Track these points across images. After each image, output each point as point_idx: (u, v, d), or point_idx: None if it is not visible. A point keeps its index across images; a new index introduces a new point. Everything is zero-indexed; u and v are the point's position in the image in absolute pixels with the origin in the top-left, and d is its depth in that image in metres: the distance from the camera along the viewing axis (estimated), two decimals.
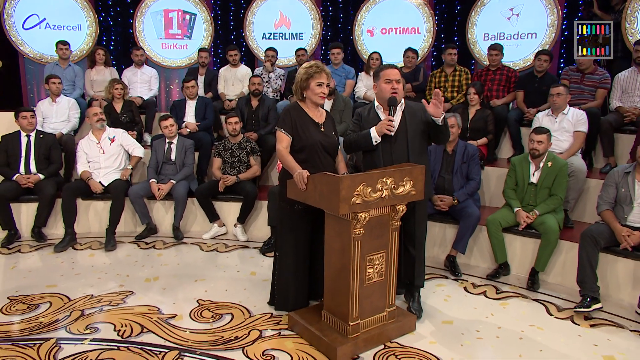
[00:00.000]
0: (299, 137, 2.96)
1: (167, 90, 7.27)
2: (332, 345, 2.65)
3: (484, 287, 3.69)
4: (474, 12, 6.50)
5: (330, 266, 2.78)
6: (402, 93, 3.04)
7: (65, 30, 6.64)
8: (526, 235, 3.81)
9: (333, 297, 2.79)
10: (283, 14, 7.12)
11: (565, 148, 4.23)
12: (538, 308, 3.36)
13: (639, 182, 3.34)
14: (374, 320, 2.81)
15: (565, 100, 4.28)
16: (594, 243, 3.32)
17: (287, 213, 3.09)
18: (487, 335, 2.97)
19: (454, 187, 4.00)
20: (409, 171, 2.71)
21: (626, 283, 3.41)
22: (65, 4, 6.65)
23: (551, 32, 5.97)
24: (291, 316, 3.00)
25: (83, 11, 6.76)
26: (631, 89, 4.56)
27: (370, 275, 2.72)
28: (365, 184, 2.50)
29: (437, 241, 4.18)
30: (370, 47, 6.86)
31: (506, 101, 5.32)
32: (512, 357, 2.72)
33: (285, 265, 3.12)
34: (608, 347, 2.84)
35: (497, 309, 3.34)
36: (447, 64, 5.61)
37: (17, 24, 6.53)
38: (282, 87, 6.29)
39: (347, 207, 2.46)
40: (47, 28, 6.63)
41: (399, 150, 2.99)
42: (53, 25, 6.64)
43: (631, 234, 3.25)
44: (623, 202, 3.40)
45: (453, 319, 3.17)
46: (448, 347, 2.82)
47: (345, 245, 2.62)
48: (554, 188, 3.75)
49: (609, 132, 4.48)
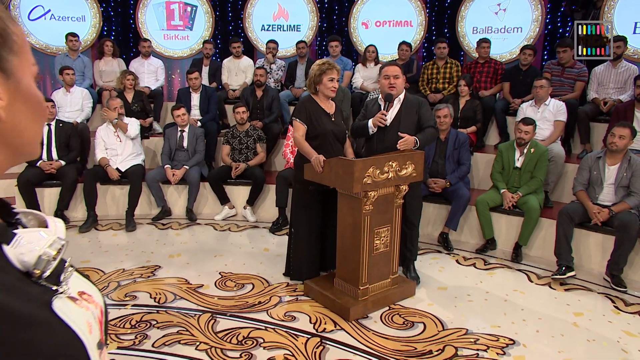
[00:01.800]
0: (313, 127, 3.38)
1: (170, 80, 7.58)
2: (345, 306, 3.12)
3: (474, 259, 4.18)
4: (464, 7, 6.92)
5: (343, 238, 3.23)
6: (400, 88, 3.46)
7: (69, 21, 6.90)
8: (511, 213, 4.30)
9: (345, 265, 3.25)
10: (281, 6, 7.46)
11: (546, 136, 4.72)
12: (521, 276, 3.87)
13: (609, 166, 3.85)
14: (380, 285, 3.28)
15: (547, 92, 4.76)
16: (570, 220, 3.83)
17: (302, 194, 3.52)
18: (477, 298, 3.46)
19: (447, 171, 4.47)
20: (410, 156, 3.16)
21: (596, 254, 3.93)
22: None
23: (535, 26, 6.44)
24: (307, 284, 3.46)
25: (87, 2, 7.02)
26: (606, 81, 5.07)
27: (377, 246, 3.18)
28: (374, 167, 2.95)
29: (431, 220, 4.66)
30: (365, 39, 7.26)
31: (493, 92, 5.80)
32: (498, 315, 3.22)
33: (300, 240, 3.56)
34: (578, 306, 3.36)
35: (485, 277, 3.83)
36: (438, 57, 6.05)
37: (23, 15, 6.77)
38: (282, 77, 6.66)
39: (359, 187, 2.91)
40: (52, 19, 6.89)
41: (390, 139, 3.40)
42: (58, 16, 6.90)
43: (601, 211, 3.75)
44: (595, 184, 3.90)
45: (447, 286, 3.66)
46: (444, 308, 3.30)
47: (357, 220, 3.07)
48: (535, 171, 4.24)
49: (586, 121, 4.99)
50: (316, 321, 3.09)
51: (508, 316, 3.20)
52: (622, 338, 2.96)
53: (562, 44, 5.21)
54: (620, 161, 3.78)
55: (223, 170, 5.14)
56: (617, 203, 3.73)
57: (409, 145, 3.23)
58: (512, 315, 3.22)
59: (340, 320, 3.09)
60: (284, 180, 4.80)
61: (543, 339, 2.93)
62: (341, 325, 3.04)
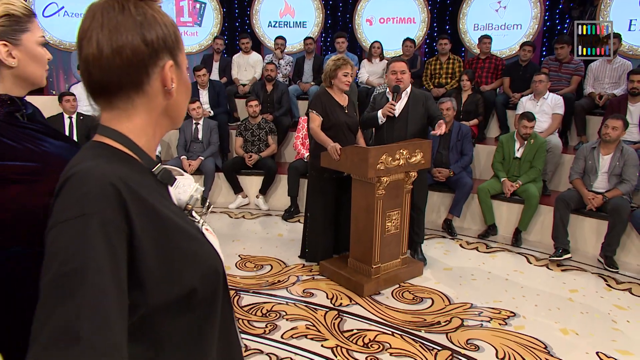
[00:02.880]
0: (327, 118, 3.65)
1: None
2: (359, 283, 3.40)
3: (476, 244, 4.47)
4: (465, 4, 7.18)
5: (357, 221, 3.50)
6: (407, 82, 3.73)
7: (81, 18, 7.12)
8: (511, 201, 4.59)
9: (358, 246, 3.53)
10: (288, 3, 7.71)
11: (544, 128, 5.00)
12: (520, 258, 4.16)
13: (603, 155, 4.13)
14: (391, 265, 3.56)
15: (545, 86, 5.04)
16: (566, 206, 4.12)
17: (317, 181, 3.80)
18: (480, 277, 3.75)
19: (450, 161, 4.75)
20: (419, 145, 3.44)
21: (591, 238, 4.22)
22: None
23: (534, 23, 6.71)
24: (322, 264, 3.74)
25: None
26: (601, 76, 5.35)
27: (388, 228, 3.46)
28: (387, 154, 3.22)
29: (436, 207, 4.94)
30: (369, 35, 7.52)
31: (494, 87, 6.07)
32: (499, 292, 3.51)
33: (315, 224, 3.84)
34: (573, 284, 3.65)
35: (487, 259, 4.13)
36: (441, 52, 6.32)
37: (38, 11, 6.99)
38: (290, 72, 6.92)
39: (373, 172, 3.19)
40: (66, 15, 7.12)
41: (399, 129, 3.69)
42: (71, 12, 7.13)
43: (595, 197, 4.04)
44: (590, 172, 4.19)
45: (452, 267, 3.95)
46: (449, 286, 3.59)
47: (370, 203, 3.35)
48: (534, 161, 4.52)
49: (582, 115, 5.27)
50: (333, 297, 3.38)
51: (509, 293, 3.49)
52: (612, 311, 3.25)
53: (559, 41, 5.49)
54: (613, 151, 4.07)
55: (237, 161, 5.41)
56: (610, 190, 4.02)
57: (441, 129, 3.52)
58: (512, 292, 3.51)
59: (355, 296, 3.38)
60: (295, 171, 5.07)
61: (541, 312, 3.22)
62: (356, 301, 3.32)
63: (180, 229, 0.81)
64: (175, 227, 0.80)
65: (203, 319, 0.84)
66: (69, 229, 0.67)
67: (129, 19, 0.77)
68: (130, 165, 0.79)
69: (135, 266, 0.71)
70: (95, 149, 0.80)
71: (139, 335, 0.75)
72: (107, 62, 0.76)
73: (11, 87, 1.24)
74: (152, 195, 0.78)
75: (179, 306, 0.79)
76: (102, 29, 0.76)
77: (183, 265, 0.78)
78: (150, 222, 0.75)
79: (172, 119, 0.89)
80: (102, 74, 0.77)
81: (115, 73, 0.77)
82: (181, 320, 0.81)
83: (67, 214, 0.69)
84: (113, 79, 0.78)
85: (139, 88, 0.80)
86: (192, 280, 0.79)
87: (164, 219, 0.78)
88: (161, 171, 0.85)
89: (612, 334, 2.96)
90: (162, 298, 0.75)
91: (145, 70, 0.79)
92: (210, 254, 0.86)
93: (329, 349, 2.75)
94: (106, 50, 0.76)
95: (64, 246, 0.66)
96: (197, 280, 0.80)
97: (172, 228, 0.79)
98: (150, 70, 0.80)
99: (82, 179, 0.71)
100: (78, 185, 0.70)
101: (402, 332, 2.93)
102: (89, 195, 0.69)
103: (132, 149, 0.82)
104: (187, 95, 0.91)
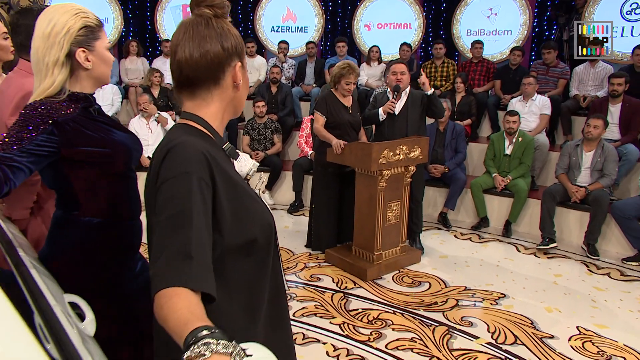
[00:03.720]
0: (332, 118, 3.91)
1: None
2: (362, 268, 3.66)
3: (469, 235, 4.74)
4: (458, 11, 7.45)
5: (360, 211, 3.76)
6: (406, 83, 4.00)
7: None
8: (502, 195, 4.86)
9: (361, 234, 3.78)
10: (290, 9, 7.97)
11: (533, 127, 5.27)
12: (510, 248, 4.43)
13: (586, 152, 4.41)
14: (392, 252, 3.82)
15: (534, 88, 5.32)
16: (552, 199, 4.39)
17: (322, 175, 4.05)
18: (473, 264, 4.02)
19: (445, 158, 5.02)
20: (418, 141, 3.70)
21: (575, 228, 4.50)
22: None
23: (524, 29, 7.00)
24: (327, 252, 3.99)
25: (110, 5, 7.49)
26: (585, 80, 5.64)
27: (389, 218, 3.72)
28: (388, 149, 3.48)
29: (432, 201, 5.20)
30: (368, 40, 7.78)
31: (486, 89, 6.35)
32: (491, 276, 3.77)
33: (320, 215, 4.09)
34: (558, 270, 3.93)
35: (479, 248, 4.39)
36: (436, 56, 6.59)
37: None
38: (293, 75, 7.18)
39: (376, 166, 3.44)
40: None
41: (399, 126, 3.96)
42: None
43: (578, 190, 4.32)
44: (574, 168, 4.46)
45: (447, 255, 4.21)
46: (445, 272, 3.85)
47: (373, 195, 3.61)
48: (523, 158, 4.80)
49: (568, 115, 5.55)
50: (338, 281, 3.63)
51: (499, 277, 3.76)
52: (592, 292, 3.53)
53: (546, 46, 5.78)
54: (595, 148, 4.34)
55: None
56: (592, 183, 4.30)
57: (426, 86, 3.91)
58: (502, 276, 3.78)
59: (359, 280, 3.64)
60: (300, 168, 5.32)
61: (528, 293, 3.48)
62: (360, 284, 3.58)
63: (245, 191, 1.07)
64: (241, 189, 1.05)
65: (260, 263, 1.10)
66: (177, 182, 0.93)
67: (212, 32, 1.04)
68: (208, 141, 1.05)
69: (216, 215, 0.97)
70: (184, 128, 1.06)
71: (215, 275, 1.01)
72: (195, 62, 1.03)
73: (85, 86, 1.49)
74: (225, 165, 1.04)
75: (243, 251, 1.04)
76: (193, 39, 1.03)
77: (247, 219, 1.04)
78: (226, 183, 1.00)
79: (235, 109, 1.15)
80: (192, 71, 1.03)
81: (201, 71, 1.03)
82: (244, 264, 1.06)
83: (174, 172, 0.94)
84: (199, 75, 1.04)
85: (217, 82, 1.06)
86: (253, 231, 1.05)
87: (234, 182, 1.03)
88: (229, 148, 1.11)
89: (591, 311, 3.24)
90: (232, 242, 1.01)
91: (222, 68, 1.06)
92: (265, 212, 1.11)
93: (337, 325, 3.01)
94: (195, 54, 1.02)
95: (174, 194, 0.92)
96: (257, 231, 1.05)
97: (239, 190, 1.04)
98: (225, 69, 1.06)
99: (183, 148, 0.97)
100: (181, 152, 0.96)
101: (402, 311, 3.19)
102: (189, 159, 0.95)
103: (209, 130, 1.08)
104: (247, 91, 1.17)
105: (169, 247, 0.87)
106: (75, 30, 1.40)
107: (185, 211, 0.90)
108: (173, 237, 0.88)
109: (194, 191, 0.92)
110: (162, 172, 0.96)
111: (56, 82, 1.40)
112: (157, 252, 0.89)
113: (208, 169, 0.96)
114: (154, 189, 0.98)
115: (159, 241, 0.90)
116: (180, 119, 1.10)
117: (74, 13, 1.42)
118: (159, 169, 0.97)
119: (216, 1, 1.06)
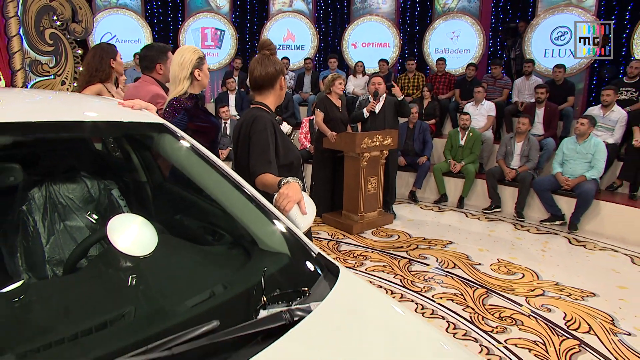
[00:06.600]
0: (328, 116, 4.98)
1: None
2: (350, 225, 4.71)
3: (432, 207, 5.82)
4: (428, 33, 8.56)
5: (348, 184, 4.82)
6: (383, 89, 5.09)
7: (130, 43, 8.36)
8: (457, 176, 5.95)
9: (349, 201, 4.84)
10: (289, 30, 9.03)
11: (482, 125, 6.38)
12: (462, 215, 5.52)
13: (517, 142, 5.51)
14: (371, 215, 4.88)
15: (483, 95, 6.43)
16: (493, 177, 5.50)
17: (320, 158, 5.11)
18: (432, 225, 5.09)
19: (415, 148, 6.10)
20: (389, 132, 4.78)
21: (509, 200, 5.56)
22: (130, 23, 8.40)
23: (480, 49, 8.11)
24: (324, 215, 5.04)
25: (142, 28, 8.50)
26: (523, 89, 6.76)
27: (369, 189, 4.79)
28: (368, 138, 4.55)
29: (404, 183, 6.27)
30: (354, 56, 8.86)
31: (448, 96, 7.46)
32: (446, 231, 4.84)
33: (319, 188, 5.14)
34: (493, 228, 5.02)
35: (439, 216, 5.47)
36: (409, 70, 7.70)
37: (97, 40, 8.19)
38: (293, 85, 8.23)
39: (359, 150, 4.51)
40: (117, 42, 8.32)
41: (379, 122, 5.02)
42: (121, 39, 8.34)
43: (511, 172, 5.42)
44: (509, 154, 5.57)
45: (414, 219, 5.29)
46: (410, 229, 4.92)
47: (357, 171, 4.67)
48: (473, 148, 5.90)
49: (509, 117, 6.67)
50: (332, 234, 4.68)
51: (450, 232, 4.83)
52: (513, 240, 4.62)
53: (494, 63, 6.93)
54: (523, 140, 5.46)
55: None
56: (521, 166, 5.41)
57: (397, 93, 4.99)
58: (452, 232, 4.85)
59: (347, 234, 4.69)
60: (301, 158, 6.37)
61: (469, 241, 4.56)
62: (348, 236, 4.63)
63: (287, 138, 2.12)
64: (285, 137, 2.11)
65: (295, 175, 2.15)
66: (261, 133, 1.97)
67: (269, 61, 2.07)
68: (269, 115, 2.10)
69: (276, 148, 2.02)
70: (257, 109, 2.10)
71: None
72: (262, 77, 2.06)
73: (195, 89, 2.52)
74: (277, 127, 2.09)
75: (286, 168, 2.09)
76: (261, 65, 2.06)
77: (288, 152, 2.08)
78: (279, 134, 2.05)
79: (280, 100, 2.19)
80: (261, 81, 2.07)
81: (265, 80, 2.06)
82: (287, 175, 2.11)
83: (259, 128, 1.98)
84: (264, 83, 2.07)
85: (273, 87, 2.09)
86: (291, 158, 2.09)
87: (282, 134, 2.09)
88: (277, 119, 2.17)
89: (510, 251, 4.33)
90: (282, 162, 2.06)
91: (276, 80, 2.09)
92: (296, 150, 2.16)
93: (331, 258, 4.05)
94: (262, 73, 2.06)
95: (261, 138, 1.97)
96: (293, 159, 2.10)
97: (284, 137, 2.09)
98: (276, 80, 2.09)
99: (262, 117, 2.01)
100: (260, 119, 2.00)
101: (378, 251, 4.26)
102: (264, 122, 1.99)
103: (268, 110, 2.12)
104: (284, 92, 2.22)
105: (258, 158, 1.92)
106: (194, 60, 2.44)
107: (265, 145, 1.95)
108: (260, 155, 1.93)
109: (268, 137, 1.97)
110: (253, 127, 2.01)
111: (184, 88, 2.44)
112: (252, 160, 1.93)
113: (272, 127, 2.01)
114: (246, 137, 2.02)
115: (256, 156, 1.94)
116: (252, 104, 2.15)
117: (193, 50, 2.46)
118: (250, 127, 2.02)
119: (271, 47, 2.10)
